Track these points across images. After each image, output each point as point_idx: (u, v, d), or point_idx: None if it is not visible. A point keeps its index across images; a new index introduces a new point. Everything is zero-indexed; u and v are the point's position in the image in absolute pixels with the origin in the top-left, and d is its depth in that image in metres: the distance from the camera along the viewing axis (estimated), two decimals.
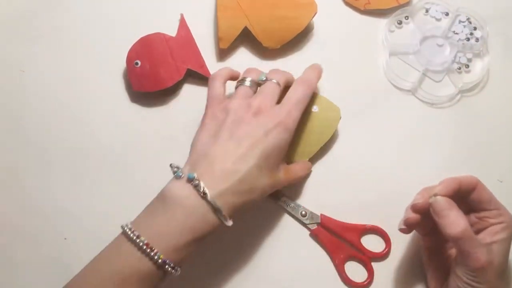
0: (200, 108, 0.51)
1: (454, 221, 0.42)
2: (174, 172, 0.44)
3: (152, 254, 0.40)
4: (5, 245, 0.52)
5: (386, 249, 0.51)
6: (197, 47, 0.57)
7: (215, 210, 0.42)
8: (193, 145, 0.46)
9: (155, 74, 0.55)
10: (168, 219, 0.41)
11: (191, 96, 0.56)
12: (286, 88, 0.50)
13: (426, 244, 0.49)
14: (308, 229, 0.52)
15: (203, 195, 0.41)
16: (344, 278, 0.50)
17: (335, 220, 0.52)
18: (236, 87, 0.50)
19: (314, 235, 0.52)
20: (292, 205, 0.52)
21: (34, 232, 0.52)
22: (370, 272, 0.50)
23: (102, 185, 0.54)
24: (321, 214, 0.52)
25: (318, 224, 0.52)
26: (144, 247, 0.40)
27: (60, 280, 0.50)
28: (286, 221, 0.52)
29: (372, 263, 0.51)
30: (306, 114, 0.54)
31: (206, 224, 0.42)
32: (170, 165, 0.44)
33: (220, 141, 0.44)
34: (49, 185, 0.54)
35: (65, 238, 0.52)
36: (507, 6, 0.61)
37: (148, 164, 0.54)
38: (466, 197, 0.46)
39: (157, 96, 0.56)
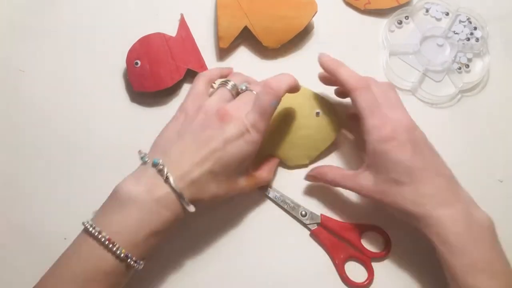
0: None
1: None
2: (141, 158, 0.45)
3: (114, 249, 0.41)
4: (5, 245, 0.52)
5: (386, 249, 0.51)
6: (197, 47, 0.57)
7: (178, 195, 0.43)
8: (158, 137, 0.47)
9: (155, 74, 0.55)
10: (124, 215, 0.42)
11: None
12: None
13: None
14: (308, 229, 0.52)
15: (166, 179, 0.42)
16: (344, 278, 0.50)
17: (335, 220, 0.52)
18: (217, 88, 0.50)
19: (314, 235, 0.52)
20: (292, 205, 0.52)
21: (34, 232, 0.52)
22: (370, 272, 0.50)
23: (102, 185, 0.54)
24: (321, 214, 0.52)
25: (318, 224, 0.52)
26: (106, 242, 0.41)
27: None
28: (287, 221, 0.52)
29: (372, 263, 0.51)
30: (308, 118, 0.54)
31: (162, 216, 0.43)
32: (139, 151, 0.46)
33: (182, 141, 0.45)
34: (49, 184, 0.54)
35: (65, 238, 0.52)
36: (507, 6, 0.61)
37: None
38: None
39: (157, 96, 0.56)
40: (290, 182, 0.54)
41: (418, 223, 0.44)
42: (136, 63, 0.55)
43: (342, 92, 0.54)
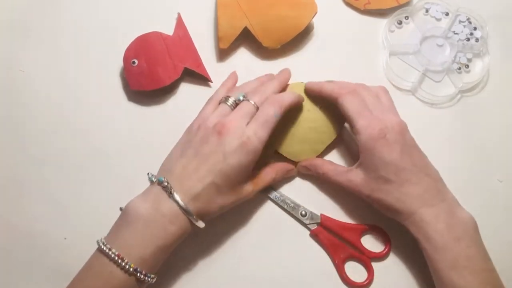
0: (197, 106, 0.52)
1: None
2: (149, 178, 0.47)
3: (123, 264, 0.42)
4: (5, 245, 0.52)
5: (386, 249, 0.51)
6: (194, 46, 0.57)
7: (183, 210, 0.44)
8: (165, 158, 0.49)
9: (152, 73, 0.55)
10: (131, 231, 0.44)
11: (188, 95, 0.57)
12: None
13: None
14: (308, 229, 0.52)
15: (170, 195, 0.44)
16: (344, 278, 0.50)
17: (335, 220, 0.52)
18: (219, 104, 0.50)
19: (314, 235, 0.52)
20: (292, 205, 0.52)
21: (34, 233, 0.52)
22: (370, 272, 0.50)
23: (100, 184, 0.54)
24: (321, 214, 0.52)
25: (318, 224, 0.52)
26: (116, 258, 0.43)
27: (60, 280, 0.50)
28: (286, 221, 0.52)
29: (372, 263, 0.51)
30: (312, 111, 0.54)
31: (168, 230, 0.44)
32: (148, 173, 0.47)
33: (184, 158, 0.47)
34: (48, 184, 0.54)
35: (65, 238, 0.52)
36: (507, 6, 0.61)
37: (146, 162, 0.54)
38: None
39: (155, 95, 0.56)
40: (290, 182, 0.54)
41: (404, 221, 0.47)
42: (133, 62, 0.55)
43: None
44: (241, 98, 0.49)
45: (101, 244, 0.44)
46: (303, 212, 0.52)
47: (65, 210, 0.53)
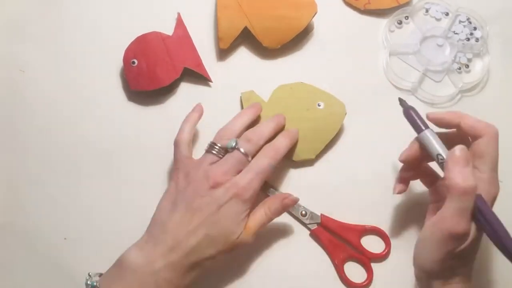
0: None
1: (467, 174, 0.41)
2: (86, 283, 0.45)
3: None
4: (5, 245, 0.52)
5: (386, 250, 0.51)
6: (194, 45, 0.57)
7: (176, 267, 0.44)
8: (156, 210, 0.48)
9: (152, 73, 0.55)
10: (124, 286, 0.44)
11: (188, 95, 0.56)
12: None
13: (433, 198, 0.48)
14: (308, 229, 0.52)
15: (163, 252, 0.44)
16: (344, 279, 0.50)
17: (335, 220, 0.52)
18: (205, 151, 0.49)
19: (314, 235, 0.52)
20: None
21: (34, 232, 0.52)
22: (370, 273, 0.50)
23: (100, 184, 0.54)
24: (321, 214, 0.52)
25: (318, 224, 0.52)
26: None
27: (60, 280, 0.50)
28: (286, 220, 0.52)
29: (372, 264, 0.51)
30: (311, 111, 0.54)
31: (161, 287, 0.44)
32: (88, 274, 0.46)
33: (176, 212, 0.46)
34: (48, 184, 0.54)
35: (65, 238, 0.52)
36: (507, 6, 0.61)
37: (145, 162, 0.55)
38: (466, 141, 0.45)
39: (154, 95, 0.56)
40: (290, 182, 0.54)
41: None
42: (133, 62, 0.55)
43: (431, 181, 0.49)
44: (234, 145, 0.48)
45: None
46: (303, 212, 0.52)
47: (65, 210, 0.53)
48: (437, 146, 0.44)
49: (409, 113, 0.46)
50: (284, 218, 0.52)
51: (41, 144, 0.55)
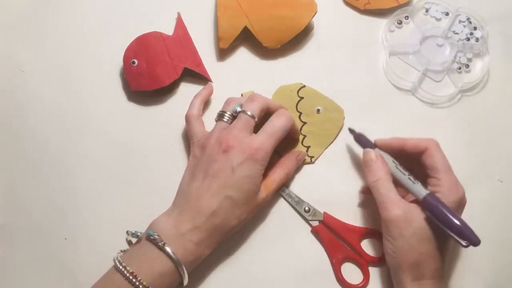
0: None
1: (373, 170, 0.48)
2: (133, 235, 0.48)
3: (135, 281, 0.43)
4: (6, 245, 0.52)
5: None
6: (194, 45, 0.57)
7: (176, 263, 0.45)
8: (180, 183, 0.50)
9: (152, 73, 0.55)
10: (152, 248, 0.45)
11: (188, 95, 0.56)
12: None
13: None
14: (310, 225, 0.52)
15: (163, 245, 0.44)
16: (340, 278, 0.50)
17: (338, 220, 0.52)
18: (216, 121, 0.51)
19: (315, 232, 0.52)
20: (296, 199, 0.52)
21: (34, 232, 0.52)
22: (366, 276, 0.50)
23: (100, 184, 0.54)
24: (324, 212, 0.52)
25: (320, 221, 0.52)
26: (129, 276, 0.43)
27: (60, 280, 0.50)
28: (289, 214, 0.52)
29: (369, 267, 0.50)
30: (310, 115, 0.54)
31: (187, 249, 0.45)
32: (127, 232, 0.49)
33: (195, 180, 0.48)
34: (48, 184, 0.54)
35: (65, 238, 0.52)
36: (507, 6, 0.61)
37: (145, 162, 0.54)
38: (418, 159, 0.49)
39: (154, 95, 0.56)
40: (296, 177, 0.54)
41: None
42: (133, 62, 0.55)
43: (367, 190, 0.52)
44: (238, 109, 0.49)
45: (116, 262, 0.44)
46: (307, 208, 0.52)
47: (65, 210, 0.53)
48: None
49: (359, 138, 0.52)
50: (287, 212, 0.53)
51: (41, 143, 0.55)
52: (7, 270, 0.51)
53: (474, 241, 0.42)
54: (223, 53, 0.58)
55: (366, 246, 0.51)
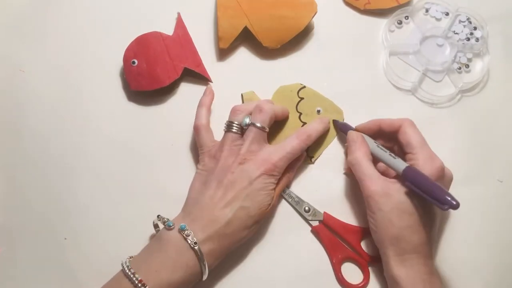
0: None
1: (353, 150, 0.50)
2: (164, 223, 0.47)
3: None
4: (6, 245, 0.52)
5: None
6: (194, 46, 0.57)
7: (199, 258, 0.45)
8: (188, 191, 0.51)
9: (152, 73, 0.55)
10: (162, 256, 0.45)
11: (188, 95, 0.56)
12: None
13: None
14: (310, 225, 0.52)
15: (194, 244, 0.45)
16: (339, 278, 0.50)
17: (338, 220, 0.52)
18: (224, 131, 0.51)
19: (315, 232, 0.52)
20: (296, 199, 0.53)
21: (35, 232, 0.52)
22: (366, 276, 0.50)
23: (100, 184, 0.54)
24: (324, 212, 0.52)
25: (320, 221, 0.52)
26: (138, 283, 0.43)
27: (60, 280, 0.50)
28: (289, 214, 0.52)
29: (369, 267, 0.50)
30: (310, 116, 0.54)
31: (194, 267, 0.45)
32: (158, 216, 0.48)
33: (209, 189, 0.48)
34: (48, 184, 0.54)
35: (65, 238, 0.52)
36: (507, 6, 0.61)
37: (145, 162, 0.54)
38: (395, 138, 0.50)
39: (154, 95, 0.56)
40: (296, 177, 0.54)
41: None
42: (133, 62, 0.55)
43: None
44: (248, 121, 0.50)
45: (125, 267, 0.44)
46: (307, 208, 0.52)
47: (65, 210, 0.53)
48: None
49: (343, 126, 0.54)
50: (287, 212, 0.53)
51: (41, 143, 0.55)
52: (7, 270, 0.51)
53: (452, 204, 0.42)
54: (223, 53, 0.58)
55: (366, 246, 0.51)
